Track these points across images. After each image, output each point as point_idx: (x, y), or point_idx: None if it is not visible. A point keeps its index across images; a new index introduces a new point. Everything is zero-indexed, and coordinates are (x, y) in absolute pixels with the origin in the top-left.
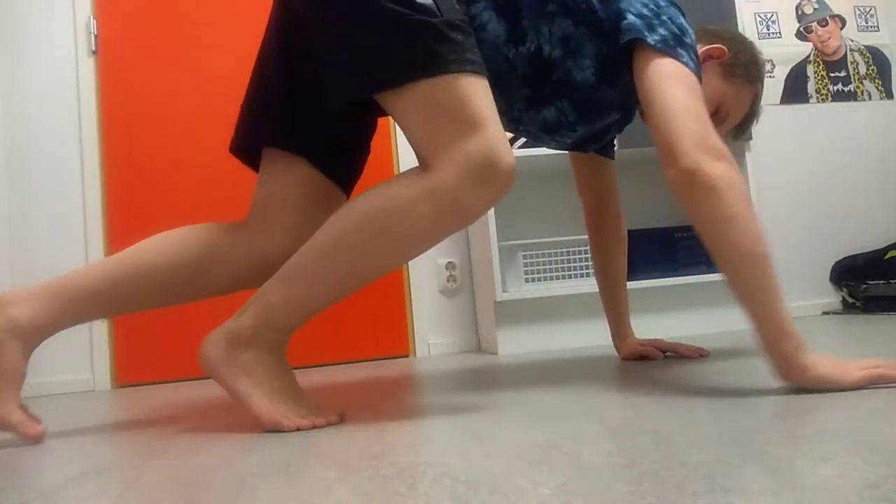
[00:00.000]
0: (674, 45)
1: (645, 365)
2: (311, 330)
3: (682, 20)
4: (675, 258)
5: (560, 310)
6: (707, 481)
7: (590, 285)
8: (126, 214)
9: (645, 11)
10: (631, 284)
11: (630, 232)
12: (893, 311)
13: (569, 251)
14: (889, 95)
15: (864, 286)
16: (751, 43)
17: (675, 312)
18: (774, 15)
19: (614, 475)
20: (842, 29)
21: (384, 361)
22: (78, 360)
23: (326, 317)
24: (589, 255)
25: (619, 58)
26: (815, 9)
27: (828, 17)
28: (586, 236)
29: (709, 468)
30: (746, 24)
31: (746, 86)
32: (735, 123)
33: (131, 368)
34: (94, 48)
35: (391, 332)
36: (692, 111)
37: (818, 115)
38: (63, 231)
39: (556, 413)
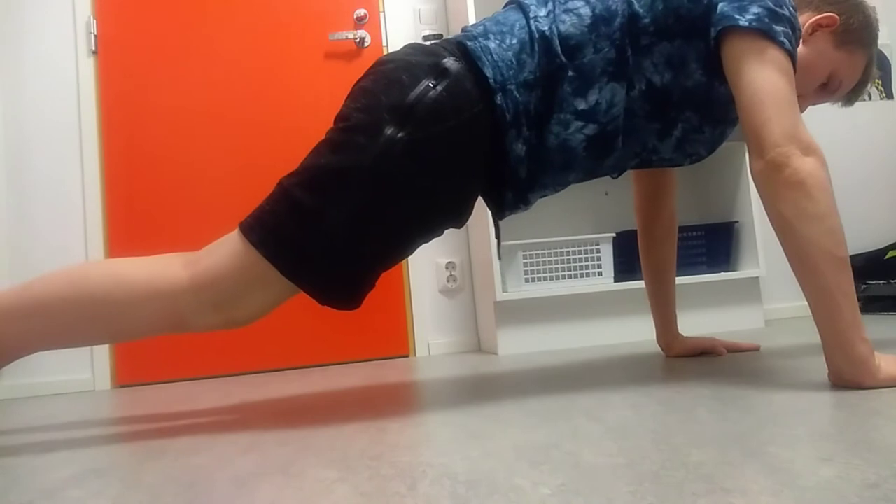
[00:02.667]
0: (769, 23)
1: (646, 365)
2: (312, 330)
3: (773, 3)
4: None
5: (560, 310)
6: (707, 481)
7: (590, 285)
8: (126, 214)
9: None
10: (631, 284)
11: (630, 232)
12: (893, 311)
13: (569, 251)
14: (889, 95)
15: (864, 286)
16: (863, 4)
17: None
18: None
19: (614, 475)
20: None
21: (384, 361)
22: (78, 360)
23: (326, 317)
24: (589, 255)
25: (713, 52)
26: None
27: None
28: (586, 236)
29: (709, 468)
30: None
31: (860, 51)
32: (847, 90)
33: (131, 368)
34: (93, 48)
35: (391, 332)
36: (784, 100)
37: (818, 115)
38: (63, 232)
39: (557, 413)
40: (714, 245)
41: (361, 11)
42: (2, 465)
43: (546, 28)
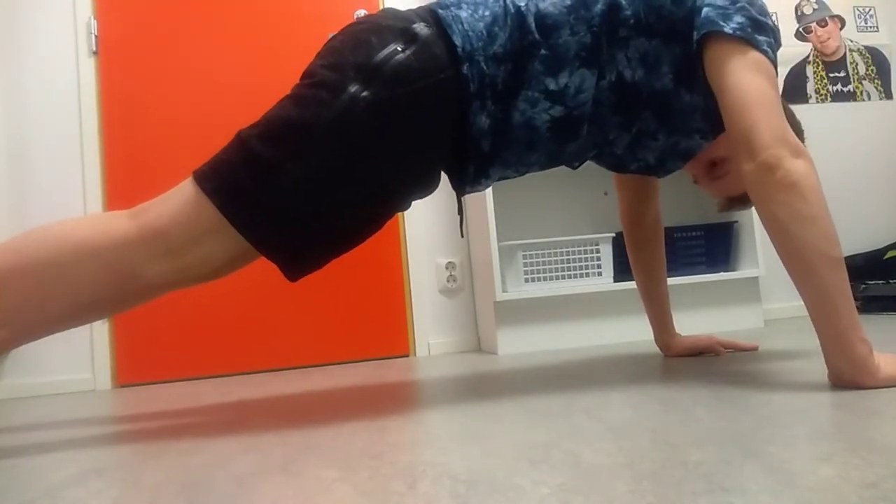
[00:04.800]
0: (752, 32)
1: (645, 365)
2: (311, 330)
3: (757, 12)
4: (674, 258)
5: (560, 310)
6: (706, 481)
7: (590, 285)
8: None
9: (720, 1)
10: (630, 284)
11: None
12: (893, 311)
13: (569, 251)
14: (888, 96)
15: (864, 286)
16: None
17: (674, 312)
18: (774, 15)
19: (614, 475)
20: (841, 29)
21: (384, 361)
22: (78, 359)
23: (326, 316)
24: (589, 255)
25: (694, 56)
26: (814, 9)
27: (827, 18)
28: (586, 236)
29: (708, 468)
30: None
31: None
32: None
33: (132, 368)
34: (94, 49)
35: (391, 332)
36: (771, 103)
37: (817, 115)
38: None
39: (556, 412)
40: (713, 245)
41: (361, 11)
42: (2, 465)
43: (522, 3)
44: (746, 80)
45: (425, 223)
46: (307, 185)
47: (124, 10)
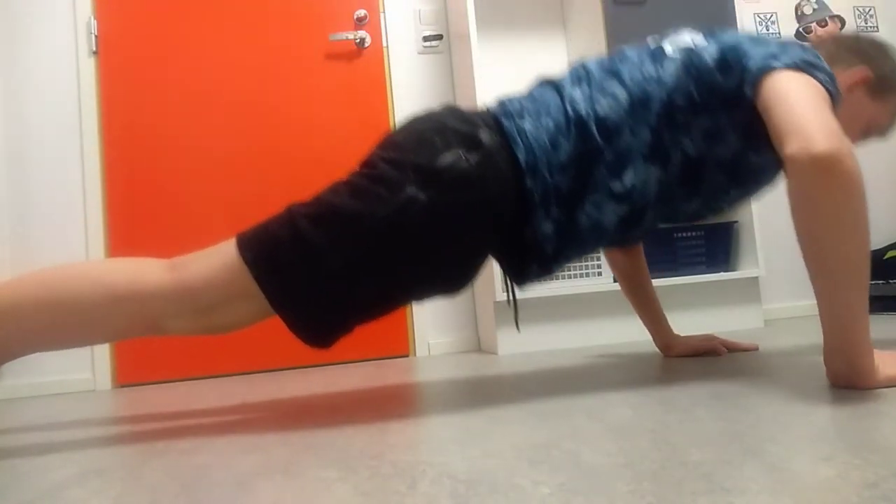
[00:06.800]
0: (805, 67)
1: (645, 365)
2: None
3: (812, 53)
4: (674, 258)
5: (560, 310)
6: (707, 481)
7: (590, 285)
8: (127, 215)
9: (771, 50)
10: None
11: None
12: (893, 311)
13: None
14: None
15: None
16: (886, 47)
17: (674, 312)
18: (774, 15)
19: (614, 475)
20: (841, 29)
21: (384, 361)
22: (78, 359)
23: None
24: (589, 255)
25: (751, 107)
26: (814, 9)
27: (827, 18)
28: None
29: (708, 467)
30: (746, 25)
31: (894, 96)
32: (885, 131)
33: (132, 368)
34: (94, 48)
35: (391, 332)
36: (824, 107)
37: None
38: (64, 232)
39: (556, 413)
40: (713, 245)
41: (362, 12)
42: (2, 465)
43: (583, 110)
44: (795, 92)
45: None
46: (347, 274)
47: (124, 9)
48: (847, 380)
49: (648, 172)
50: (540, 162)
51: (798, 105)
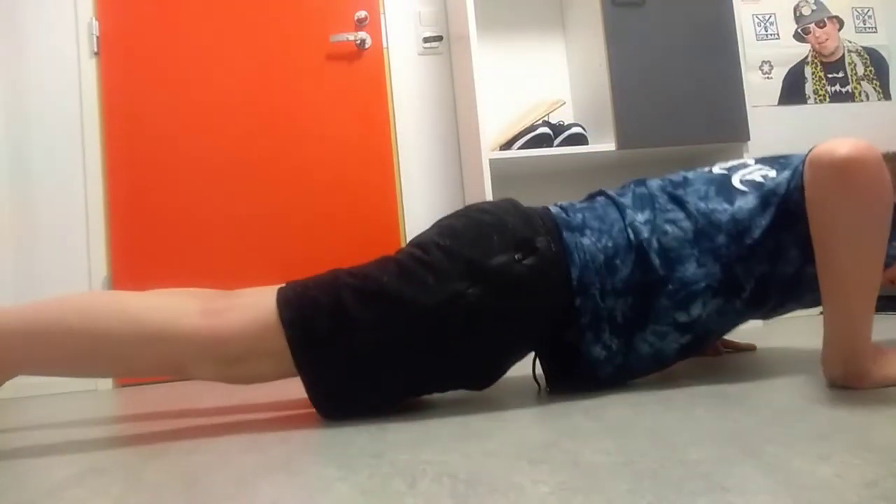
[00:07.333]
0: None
1: None
2: None
3: None
4: None
5: None
6: (706, 480)
7: None
8: (128, 215)
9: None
10: None
11: None
12: (893, 311)
13: None
14: (887, 96)
15: None
16: None
17: None
18: (772, 16)
19: (613, 474)
20: (839, 30)
21: None
22: None
23: None
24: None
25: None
26: (812, 10)
27: (825, 19)
28: None
29: (707, 467)
30: (745, 26)
31: None
32: None
33: None
34: (95, 49)
35: None
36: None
37: (816, 116)
38: (65, 234)
39: (556, 412)
40: None
41: (362, 13)
42: (2, 465)
43: (645, 236)
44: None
45: (426, 222)
46: (380, 354)
47: (125, 10)
48: (844, 380)
49: (718, 304)
50: (592, 283)
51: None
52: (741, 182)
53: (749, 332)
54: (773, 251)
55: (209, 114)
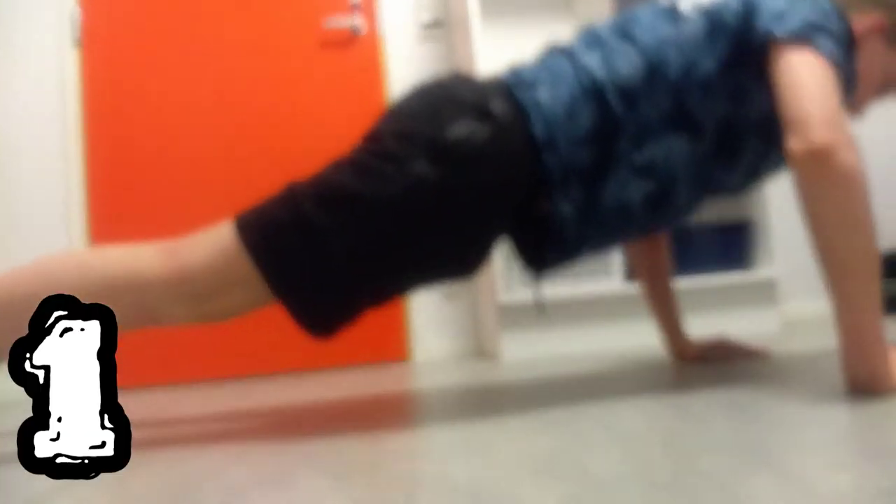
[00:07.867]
0: (809, 33)
1: (655, 370)
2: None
3: (823, 3)
4: (685, 258)
5: (565, 313)
6: (720, 490)
7: (596, 286)
8: (109, 208)
9: (778, 7)
10: (629, 287)
11: None
12: (893, 312)
13: None
14: None
15: None
16: None
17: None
18: None
19: (623, 484)
20: None
21: (381, 366)
22: None
23: None
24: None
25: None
26: None
27: None
28: None
29: (721, 476)
30: None
31: None
32: None
33: (121, 372)
34: (78, 38)
35: (389, 336)
36: (827, 93)
37: None
38: (45, 224)
39: (562, 419)
40: (727, 244)
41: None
42: None
43: (598, 77)
44: (799, 74)
45: None
46: (353, 256)
47: None
48: (865, 385)
49: (673, 143)
50: (558, 136)
51: (800, 86)
52: (687, 8)
53: (765, 336)
54: (734, 91)
55: (195, 105)
